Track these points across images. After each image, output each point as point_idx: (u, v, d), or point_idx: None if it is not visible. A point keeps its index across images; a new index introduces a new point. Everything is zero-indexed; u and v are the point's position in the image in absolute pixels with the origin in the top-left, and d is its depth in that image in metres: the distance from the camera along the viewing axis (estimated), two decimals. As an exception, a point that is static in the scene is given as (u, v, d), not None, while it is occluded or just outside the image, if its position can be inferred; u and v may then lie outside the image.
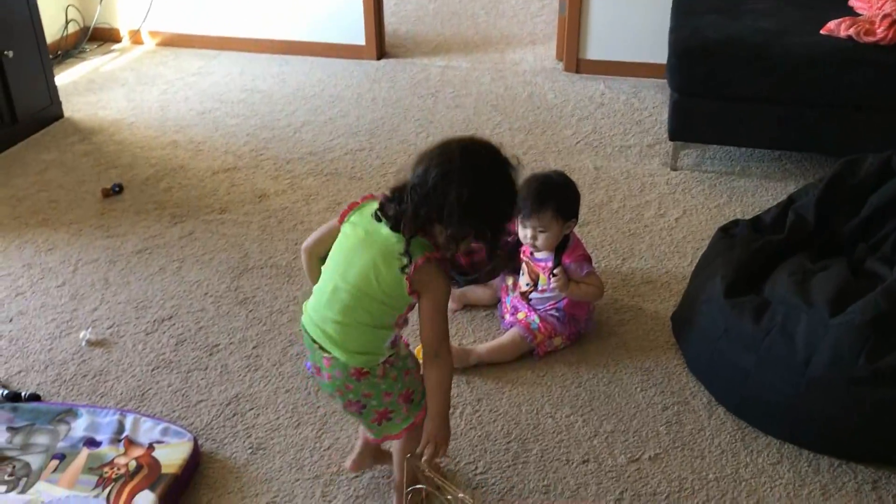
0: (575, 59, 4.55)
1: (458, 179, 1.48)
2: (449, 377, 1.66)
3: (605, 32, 4.45)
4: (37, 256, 2.89)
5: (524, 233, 2.35)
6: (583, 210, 3.11)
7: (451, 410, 2.11)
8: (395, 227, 1.54)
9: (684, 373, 2.31)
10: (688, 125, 3.38)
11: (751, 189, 3.31)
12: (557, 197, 2.31)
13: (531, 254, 2.42)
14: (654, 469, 2.00)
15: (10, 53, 3.64)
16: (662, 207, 3.18)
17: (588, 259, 2.40)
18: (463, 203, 1.47)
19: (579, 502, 1.91)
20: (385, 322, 1.62)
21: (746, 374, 2.06)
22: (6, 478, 1.90)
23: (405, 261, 1.53)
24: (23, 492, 1.86)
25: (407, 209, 1.52)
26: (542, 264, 2.39)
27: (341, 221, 1.66)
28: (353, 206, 1.65)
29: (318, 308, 1.65)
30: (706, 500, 1.91)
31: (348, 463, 1.94)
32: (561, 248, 2.37)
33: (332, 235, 1.68)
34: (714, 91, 3.29)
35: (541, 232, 2.32)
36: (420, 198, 1.50)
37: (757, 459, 2.02)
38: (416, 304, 1.61)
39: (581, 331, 2.44)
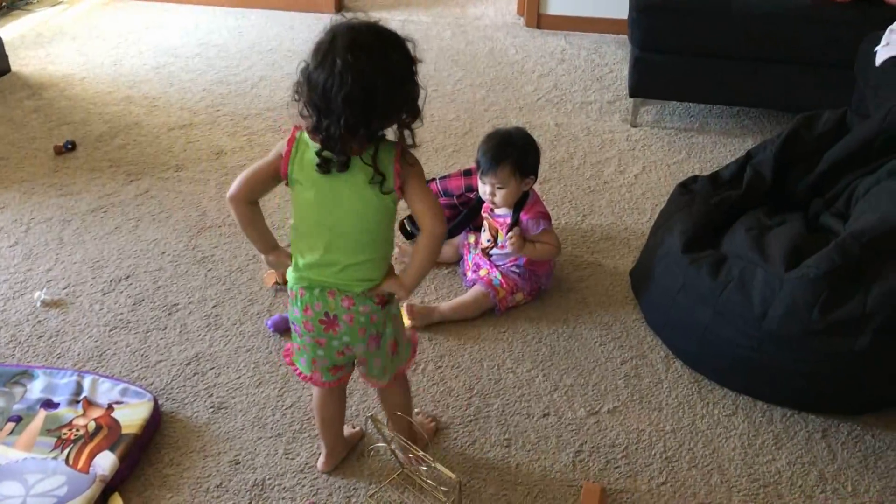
0: (536, 15, 4.52)
1: (362, 84, 1.39)
2: (440, 245, 1.62)
3: (567, -13, 4.42)
4: (-13, 216, 2.83)
5: (483, 189, 2.35)
6: (543, 167, 3.11)
7: (413, 367, 2.15)
8: (341, 158, 1.47)
9: (643, 327, 2.34)
10: (648, 82, 3.39)
11: (709, 145, 3.33)
12: (516, 153, 2.31)
13: (491, 210, 2.42)
14: (613, 421, 2.04)
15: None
16: (622, 164, 3.20)
17: (546, 216, 2.40)
18: (380, 102, 1.41)
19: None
20: (389, 237, 1.61)
21: (703, 328, 2.09)
22: (-39, 441, 1.87)
23: (380, 178, 1.49)
24: (-22, 455, 1.84)
25: (335, 134, 1.43)
26: (502, 220, 2.39)
27: (285, 176, 1.56)
28: (287, 159, 1.55)
29: (320, 262, 1.58)
30: (663, 451, 1.96)
31: (321, 465, 1.89)
32: (520, 204, 2.38)
33: (261, 181, 1.59)
34: (674, 47, 3.30)
35: (499, 188, 2.32)
36: (338, 116, 1.41)
37: (713, 411, 2.07)
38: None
39: (542, 287, 2.45)
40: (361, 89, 1.39)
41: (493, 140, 2.33)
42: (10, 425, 1.92)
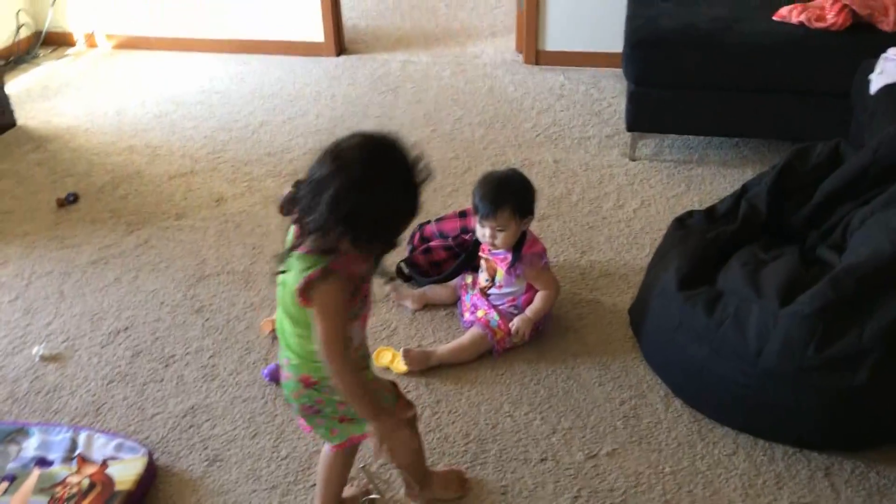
0: (534, 51, 4.55)
1: (343, 186, 1.38)
2: (350, 384, 1.56)
3: (564, 23, 4.44)
4: (-11, 271, 2.85)
5: (482, 232, 2.35)
6: (542, 203, 3.12)
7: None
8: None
9: (642, 366, 2.32)
10: (645, 115, 3.39)
11: (708, 177, 3.32)
12: (514, 196, 2.31)
13: (489, 250, 2.41)
14: (612, 465, 2.01)
15: (-42, 63, 3.58)
16: (621, 199, 3.19)
17: (544, 254, 2.40)
18: (346, 210, 1.39)
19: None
20: (307, 335, 1.57)
21: (701, 366, 2.07)
22: (-44, 501, 1.87)
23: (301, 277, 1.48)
24: (-28, 515, 1.84)
25: (308, 226, 1.44)
26: (501, 256, 2.38)
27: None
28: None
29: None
30: (662, 494, 1.92)
31: None
32: (519, 243, 2.37)
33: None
34: (670, 80, 3.30)
35: (499, 231, 2.31)
36: (317, 214, 1.41)
37: (713, 451, 2.04)
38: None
39: (540, 327, 2.44)
40: (345, 196, 1.38)
41: (490, 184, 2.33)
42: (5, 485, 1.92)
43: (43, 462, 1.97)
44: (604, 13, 4.31)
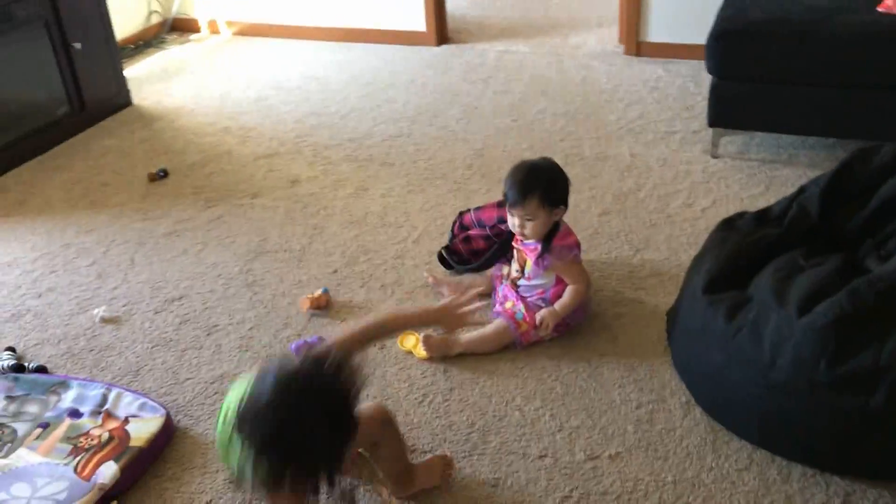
0: (635, 42, 4.42)
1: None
2: None
3: (667, 14, 4.29)
4: (77, 237, 3.09)
5: (512, 221, 2.32)
6: (607, 199, 3.05)
7: (421, 398, 2.15)
8: None
9: (669, 370, 2.22)
10: (727, 111, 3.23)
11: (792, 179, 3.12)
12: (543, 185, 2.26)
13: (521, 240, 2.38)
14: (612, 468, 1.94)
15: (79, 45, 3.88)
16: (692, 197, 3.05)
17: (576, 247, 2.34)
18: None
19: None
20: None
21: (719, 374, 1.96)
22: (-4, 442, 2.06)
23: None
24: (5, 456, 2.01)
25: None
26: (532, 247, 2.35)
27: None
28: None
29: None
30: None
31: None
32: (551, 234, 2.33)
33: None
34: (755, 74, 3.13)
35: (528, 220, 2.28)
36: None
37: (723, 464, 1.93)
38: None
39: (570, 322, 2.38)
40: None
41: (520, 172, 2.30)
42: (38, 430, 2.08)
43: (75, 413, 2.13)
44: (709, 4, 4.09)
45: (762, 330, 1.86)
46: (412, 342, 2.38)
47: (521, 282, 2.40)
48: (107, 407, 2.14)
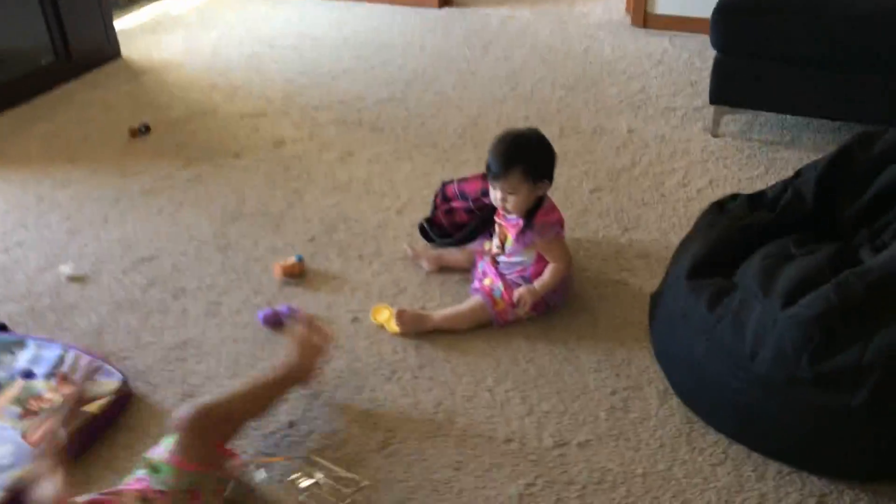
0: (643, 13, 4.28)
1: None
2: None
3: (677, -16, 4.14)
4: (51, 191, 3.00)
5: (494, 194, 2.22)
6: (600, 174, 2.94)
7: (389, 375, 2.07)
8: None
9: (648, 356, 2.13)
10: (729, 88, 3.11)
11: (794, 161, 3.00)
12: (526, 157, 2.16)
13: (503, 214, 2.28)
14: (580, 456, 1.86)
15: (64, -7, 3.76)
16: (688, 176, 2.94)
17: (559, 224, 2.24)
18: None
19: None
20: None
21: (698, 363, 1.87)
22: (-55, 402, 1.98)
23: None
24: (-46, 416, 1.94)
25: None
26: (514, 222, 2.25)
27: None
28: None
29: None
30: (625, 497, 1.76)
31: None
32: (534, 210, 2.23)
33: None
34: (760, 51, 3.00)
35: (510, 194, 2.18)
36: None
37: (697, 458, 1.84)
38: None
39: (550, 302, 2.28)
40: None
41: (504, 143, 2.20)
42: (-11, 391, 2.01)
43: (28, 374, 2.05)
44: (720, -25, 3.96)
45: (745, 320, 1.77)
46: (385, 316, 2.29)
47: (501, 258, 2.31)
48: (62, 369, 2.06)
